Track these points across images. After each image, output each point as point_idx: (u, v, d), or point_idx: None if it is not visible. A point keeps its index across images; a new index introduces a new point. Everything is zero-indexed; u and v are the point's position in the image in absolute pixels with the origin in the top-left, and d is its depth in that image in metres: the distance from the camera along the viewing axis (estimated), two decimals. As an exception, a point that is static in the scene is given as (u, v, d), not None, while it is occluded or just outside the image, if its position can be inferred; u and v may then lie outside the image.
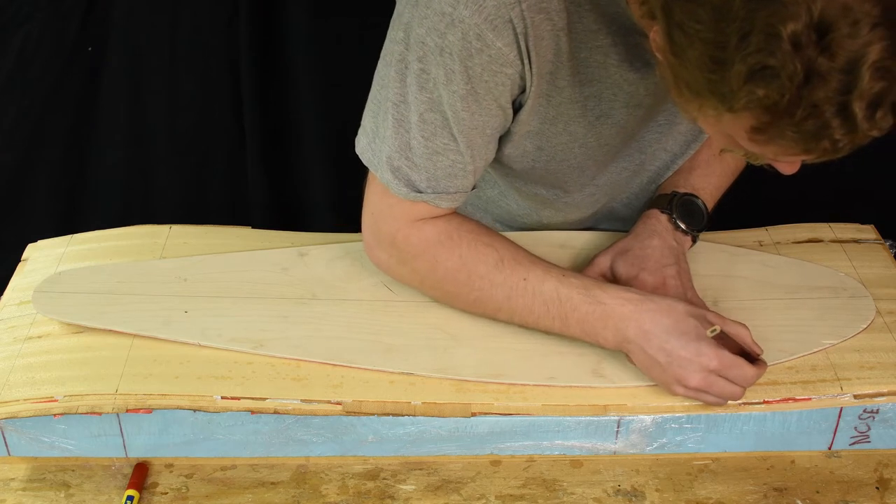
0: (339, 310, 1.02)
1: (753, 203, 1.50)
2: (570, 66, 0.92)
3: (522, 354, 0.97)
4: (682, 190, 1.08)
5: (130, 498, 0.91)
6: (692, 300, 1.00)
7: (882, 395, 0.94)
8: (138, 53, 1.77)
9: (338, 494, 0.93)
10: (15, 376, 0.95)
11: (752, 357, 0.93)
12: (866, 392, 0.94)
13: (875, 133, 0.72)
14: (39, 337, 1.00)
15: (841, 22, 0.67)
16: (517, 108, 0.95)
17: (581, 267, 1.06)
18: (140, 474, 0.94)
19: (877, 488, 0.94)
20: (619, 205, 1.17)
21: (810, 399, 0.94)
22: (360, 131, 0.99)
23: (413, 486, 0.94)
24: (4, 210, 1.86)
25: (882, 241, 1.14)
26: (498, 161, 1.04)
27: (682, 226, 1.06)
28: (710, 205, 1.10)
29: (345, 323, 1.00)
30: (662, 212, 1.07)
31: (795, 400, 0.94)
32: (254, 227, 1.15)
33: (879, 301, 1.04)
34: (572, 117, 0.97)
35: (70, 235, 1.14)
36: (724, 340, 0.93)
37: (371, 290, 1.04)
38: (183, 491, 0.94)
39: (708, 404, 0.93)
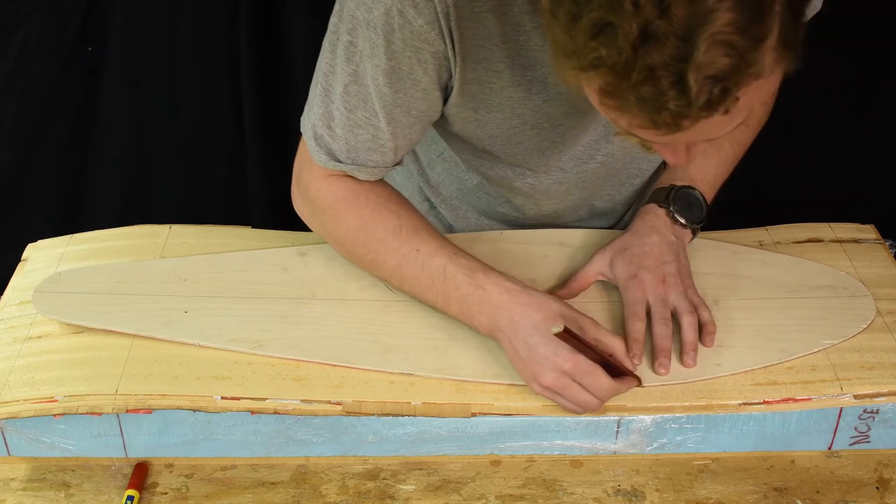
0: (339, 310, 1.02)
1: (753, 203, 1.51)
2: (506, 49, 0.91)
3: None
4: (679, 183, 1.07)
5: (130, 498, 0.91)
6: (692, 298, 1.00)
7: (882, 395, 0.94)
8: (138, 53, 1.77)
9: (338, 494, 0.93)
10: (15, 376, 0.95)
11: (623, 373, 0.91)
12: (866, 392, 0.94)
13: (707, 113, 0.70)
14: (39, 337, 1.00)
15: None
16: (449, 93, 0.95)
17: (580, 265, 1.06)
18: (140, 474, 0.94)
19: (877, 488, 0.94)
20: (601, 202, 1.16)
21: (810, 399, 0.94)
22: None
23: (413, 486, 0.94)
24: (4, 210, 1.86)
25: (882, 241, 1.14)
26: (462, 147, 1.05)
27: (681, 220, 1.05)
28: (709, 196, 1.09)
29: (345, 323, 1.00)
30: (660, 206, 1.06)
31: (795, 400, 0.94)
32: (254, 227, 1.15)
33: (879, 301, 1.04)
34: (518, 100, 0.96)
35: (70, 235, 1.14)
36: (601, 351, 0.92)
37: (371, 290, 1.04)
38: (183, 491, 0.94)
39: (566, 410, 0.92)
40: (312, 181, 1.03)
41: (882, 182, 1.80)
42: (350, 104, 0.95)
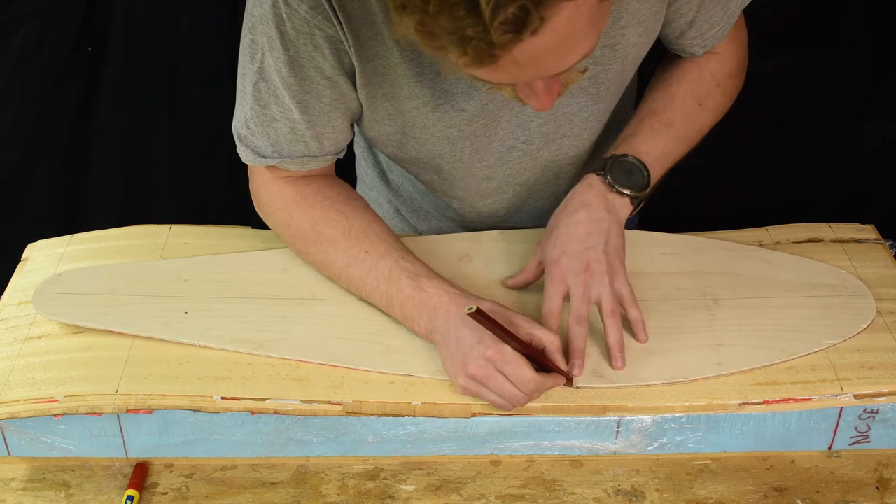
0: (339, 310, 1.02)
1: (753, 203, 1.51)
2: (394, 39, 0.91)
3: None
4: (621, 152, 1.04)
5: (130, 498, 0.91)
6: (619, 289, 0.97)
7: (882, 395, 0.94)
8: (138, 53, 1.77)
9: (338, 494, 0.93)
10: (15, 376, 0.95)
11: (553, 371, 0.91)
12: (866, 392, 0.94)
13: (511, 36, 0.70)
14: (39, 337, 1.00)
15: None
16: (355, 77, 0.96)
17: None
18: (140, 474, 0.94)
19: (877, 488, 0.94)
20: (545, 202, 1.15)
21: (810, 399, 0.94)
22: None
23: (413, 486, 0.94)
24: (4, 210, 1.86)
25: (882, 241, 1.14)
26: (393, 151, 1.07)
27: (618, 187, 1.01)
28: (657, 169, 1.04)
29: (345, 323, 1.00)
30: (597, 174, 1.02)
31: (795, 400, 0.94)
32: (254, 227, 1.15)
33: (879, 301, 1.04)
34: (412, 77, 0.96)
35: (70, 235, 1.14)
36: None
37: (371, 290, 1.04)
38: (183, 491, 0.94)
39: (495, 406, 0.91)
40: (262, 184, 1.05)
41: (882, 182, 1.80)
42: (262, 101, 0.98)
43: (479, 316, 0.85)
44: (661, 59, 1.13)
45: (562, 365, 0.92)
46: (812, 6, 1.70)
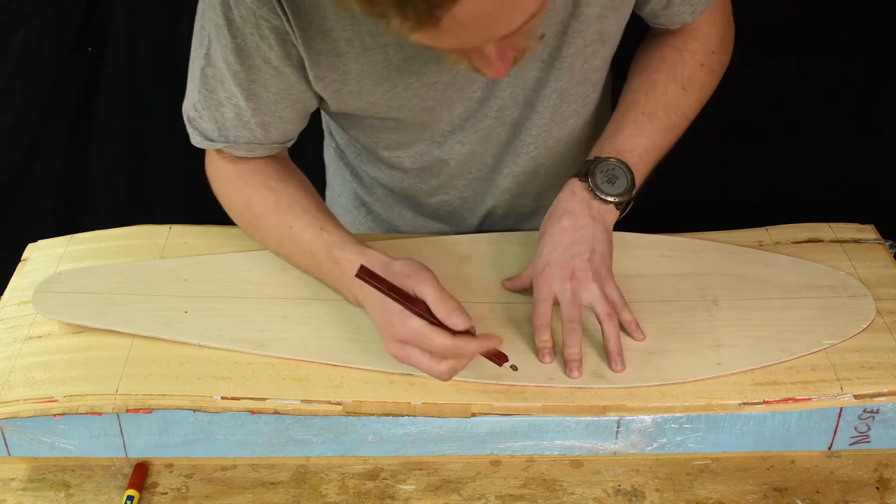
0: (339, 310, 1.02)
1: (753, 203, 1.51)
2: (347, 17, 0.91)
3: (522, 355, 0.97)
4: (605, 154, 1.02)
5: (130, 498, 0.91)
6: (609, 295, 0.96)
7: (882, 395, 0.94)
8: (138, 53, 1.77)
9: (338, 494, 0.93)
10: (15, 376, 0.95)
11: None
12: (866, 392, 0.94)
13: None
14: (39, 337, 1.00)
15: None
16: (305, 69, 0.96)
17: None
18: (140, 474, 0.94)
19: (877, 488, 0.94)
20: (548, 200, 1.15)
21: (810, 399, 0.94)
22: None
23: (413, 486, 0.94)
24: (4, 210, 1.86)
25: (882, 241, 1.14)
26: (360, 132, 1.08)
27: (601, 194, 0.99)
28: (641, 167, 1.02)
29: (345, 323, 1.00)
30: (581, 180, 1.01)
31: (795, 400, 0.94)
32: (254, 227, 1.15)
33: (879, 301, 1.04)
34: (378, 63, 0.95)
35: (70, 235, 1.14)
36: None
37: (371, 290, 1.04)
38: (183, 491, 0.94)
39: (431, 375, 0.89)
40: (210, 163, 1.07)
41: (882, 182, 1.80)
42: (209, 86, 0.98)
43: (367, 277, 0.83)
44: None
45: (445, 316, 0.86)
46: (812, 6, 1.70)
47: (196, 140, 1.04)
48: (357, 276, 0.82)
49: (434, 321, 0.87)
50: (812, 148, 1.79)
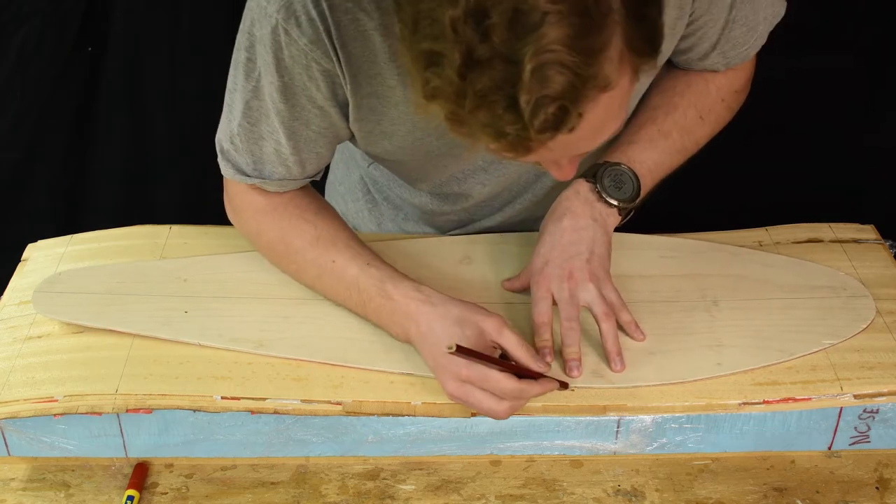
0: (339, 310, 1.02)
1: (753, 203, 1.51)
2: (396, 66, 0.90)
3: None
4: (615, 160, 1.02)
5: (130, 498, 0.91)
6: (608, 296, 0.97)
7: (882, 395, 0.94)
8: (138, 53, 1.78)
9: (338, 494, 0.93)
10: (15, 376, 0.95)
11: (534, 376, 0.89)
12: (866, 392, 0.94)
13: (549, 133, 0.69)
14: (39, 337, 1.00)
15: (498, 8, 0.64)
16: (347, 109, 0.95)
17: None
18: (140, 474, 0.94)
19: (877, 488, 0.94)
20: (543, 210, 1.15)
21: (810, 399, 0.94)
22: None
23: (413, 486, 0.94)
24: (4, 210, 1.86)
25: (882, 241, 1.14)
26: (384, 165, 1.07)
27: (607, 197, 1.00)
28: (648, 180, 1.03)
29: (345, 323, 1.00)
30: (587, 181, 1.01)
31: (795, 400, 0.94)
32: (253, 227, 1.15)
33: (879, 301, 1.04)
34: (415, 114, 0.95)
35: (70, 235, 1.14)
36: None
37: (371, 290, 1.04)
38: (183, 491, 0.94)
39: (489, 415, 0.89)
40: (237, 193, 1.04)
41: (882, 182, 1.80)
42: (252, 119, 0.96)
43: (461, 353, 0.83)
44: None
45: (537, 369, 0.89)
46: (812, 6, 1.70)
47: (227, 172, 1.02)
48: (454, 353, 0.83)
49: (509, 367, 0.88)
50: (812, 148, 1.79)
